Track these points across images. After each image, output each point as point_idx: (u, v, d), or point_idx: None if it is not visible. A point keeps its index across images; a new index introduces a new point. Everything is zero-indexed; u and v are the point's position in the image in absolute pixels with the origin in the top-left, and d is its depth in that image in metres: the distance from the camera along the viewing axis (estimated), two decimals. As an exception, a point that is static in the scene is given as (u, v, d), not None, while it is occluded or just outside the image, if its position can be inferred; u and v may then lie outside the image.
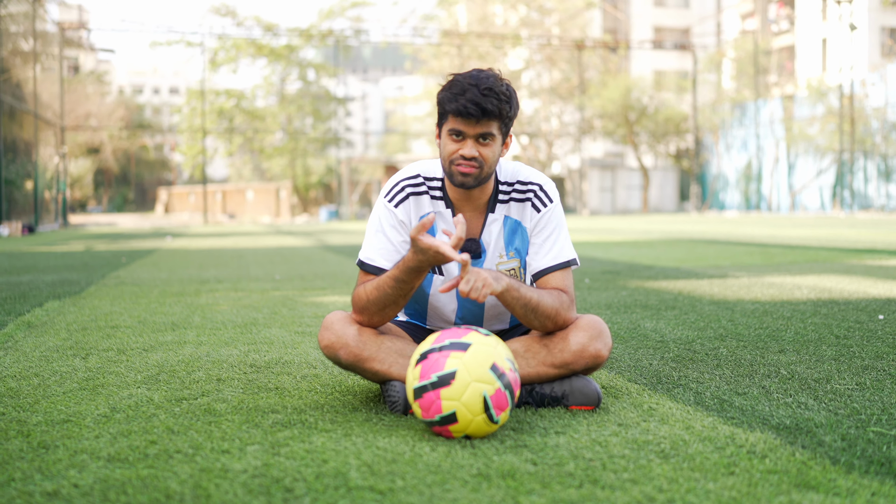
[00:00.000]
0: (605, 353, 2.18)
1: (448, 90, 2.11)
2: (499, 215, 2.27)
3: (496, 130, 2.12)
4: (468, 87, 2.08)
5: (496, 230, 2.27)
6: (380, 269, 2.22)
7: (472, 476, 1.65)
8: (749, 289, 5.26)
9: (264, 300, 5.01)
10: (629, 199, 41.27)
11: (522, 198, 2.27)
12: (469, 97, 2.07)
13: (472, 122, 2.09)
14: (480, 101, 2.06)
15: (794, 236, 12.97)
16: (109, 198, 53.45)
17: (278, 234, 18.23)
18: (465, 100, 2.07)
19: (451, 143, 2.14)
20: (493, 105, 2.07)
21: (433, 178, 2.28)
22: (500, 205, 2.27)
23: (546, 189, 2.28)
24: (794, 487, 1.57)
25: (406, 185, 2.27)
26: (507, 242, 2.28)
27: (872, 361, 2.81)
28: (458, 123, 2.10)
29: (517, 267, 2.30)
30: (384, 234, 2.24)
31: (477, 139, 2.12)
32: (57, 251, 11.50)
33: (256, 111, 38.13)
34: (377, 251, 2.23)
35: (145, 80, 76.10)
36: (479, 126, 2.10)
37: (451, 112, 2.10)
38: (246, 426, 2.04)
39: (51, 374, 2.72)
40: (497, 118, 2.10)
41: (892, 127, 28.38)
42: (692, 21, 46.04)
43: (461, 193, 2.24)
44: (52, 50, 28.06)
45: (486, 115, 2.08)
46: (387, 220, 2.24)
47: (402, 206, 2.25)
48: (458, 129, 2.11)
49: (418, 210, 2.26)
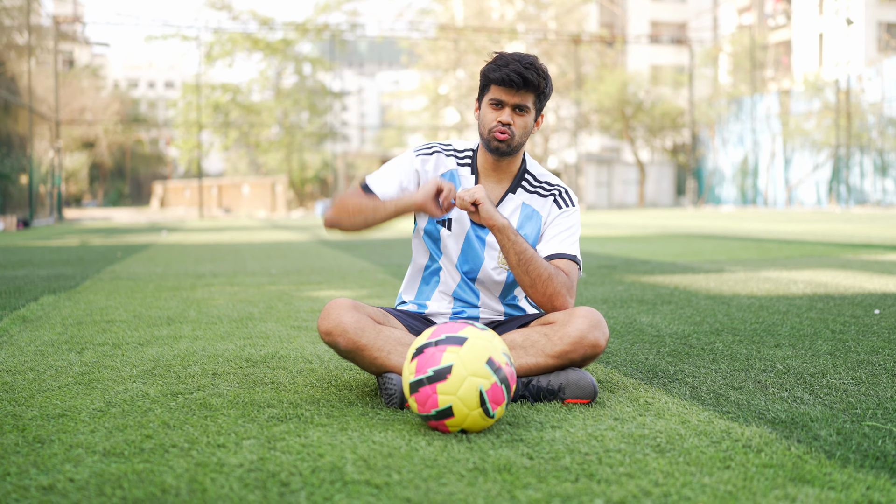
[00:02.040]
0: (602, 342, 2.20)
1: (494, 62, 2.29)
2: (518, 199, 2.41)
3: (531, 104, 2.30)
4: (512, 61, 2.26)
5: (510, 210, 2.39)
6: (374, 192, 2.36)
7: (469, 470, 1.65)
8: (745, 283, 5.27)
9: (260, 295, 5.00)
10: (625, 194, 41.31)
11: (547, 194, 2.43)
12: (513, 68, 2.25)
13: (512, 90, 2.26)
14: (523, 72, 2.24)
15: (790, 231, 12.99)
16: (105, 192, 53.31)
17: (274, 228, 18.21)
18: (508, 70, 2.25)
19: (490, 111, 2.31)
20: (534, 77, 2.25)
21: (463, 150, 2.46)
22: (522, 191, 2.42)
23: (571, 194, 2.46)
24: (789, 481, 1.57)
25: (437, 147, 2.46)
26: (520, 226, 2.40)
27: (868, 356, 2.82)
28: (499, 92, 2.28)
29: None
30: (395, 172, 2.40)
31: (514, 109, 2.29)
32: (52, 245, 11.48)
33: (252, 105, 38.03)
34: (383, 180, 2.38)
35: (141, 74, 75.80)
36: (517, 96, 2.27)
37: (495, 80, 2.26)
38: (242, 420, 2.04)
39: (46, 369, 2.72)
40: (534, 91, 2.28)
41: (888, 122, 28.42)
42: (689, 16, 46.01)
43: (489, 164, 2.39)
44: (47, 44, 27.93)
45: (525, 86, 2.25)
46: (405, 163, 2.42)
47: (422, 158, 2.42)
48: (499, 99, 2.28)
49: (437, 168, 2.42)
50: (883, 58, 31.01)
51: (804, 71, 34.65)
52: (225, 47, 36.57)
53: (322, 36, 37.03)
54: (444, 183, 2.23)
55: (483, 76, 2.31)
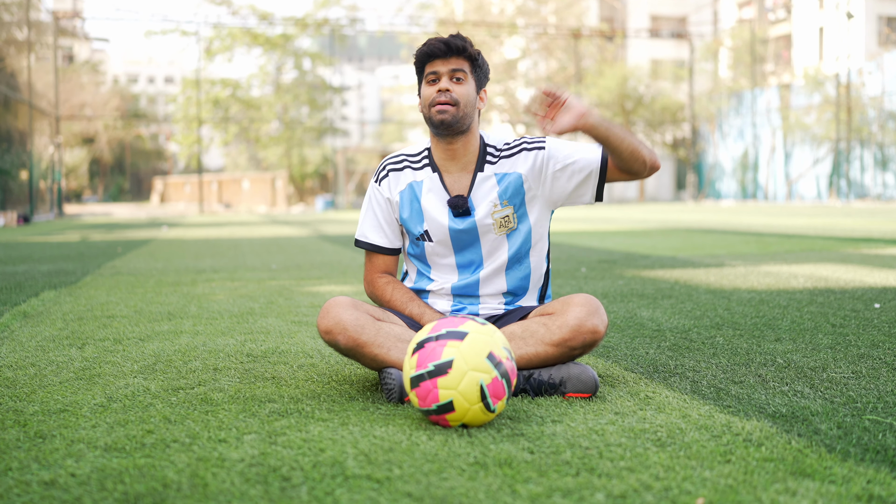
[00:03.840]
0: (601, 328, 2.20)
1: (422, 45, 2.32)
2: (489, 174, 2.39)
3: (467, 70, 2.29)
4: (438, 37, 2.30)
5: (487, 186, 2.38)
6: (372, 245, 2.45)
7: (469, 464, 1.66)
8: (745, 278, 5.27)
9: (261, 290, 5.00)
10: (625, 188, 41.27)
11: (513, 152, 2.40)
12: (436, 39, 2.29)
13: (441, 59, 2.27)
14: (447, 39, 2.28)
15: (790, 225, 12.98)
16: (105, 187, 53.27)
17: (274, 223, 18.20)
18: (433, 41, 2.28)
19: (428, 87, 2.30)
20: (458, 42, 2.26)
21: (416, 153, 2.44)
22: (489, 165, 2.39)
23: (533, 136, 2.44)
24: (789, 475, 1.57)
25: (387, 164, 2.46)
26: (501, 194, 2.38)
27: (868, 350, 2.82)
28: (430, 66, 2.28)
29: (511, 214, 2.39)
30: (373, 212, 2.45)
31: (451, 78, 2.28)
32: (52, 241, 11.47)
33: (252, 100, 37.98)
34: (369, 227, 2.46)
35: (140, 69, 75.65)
36: (449, 63, 2.27)
37: (423, 54, 2.28)
38: (243, 415, 2.04)
39: (47, 364, 2.72)
40: (465, 57, 2.28)
41: (888, 116, 28.38)
42: (689, 10, 45.90)
43: (445, 152, 2.37)
44: (47, 39, 27.88)
45: (452, 52, 2.27)
46: (374, 198, 2.46)
47: (384, 183, 2.44)
48: (433, 71, 2.28)
49: (397, 183, 2.43)
50: (883, 52, 30.92)
51: (804, 65, 34.59)
52: (224, 42, 36.50)
53: (322, 31, 36.96)
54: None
55: (416, 59, 2.32)
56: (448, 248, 2.40)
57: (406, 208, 2.41)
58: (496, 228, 2.38)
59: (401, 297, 2.41)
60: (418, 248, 2.44)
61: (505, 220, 2.38)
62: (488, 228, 2.38)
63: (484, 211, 2.37)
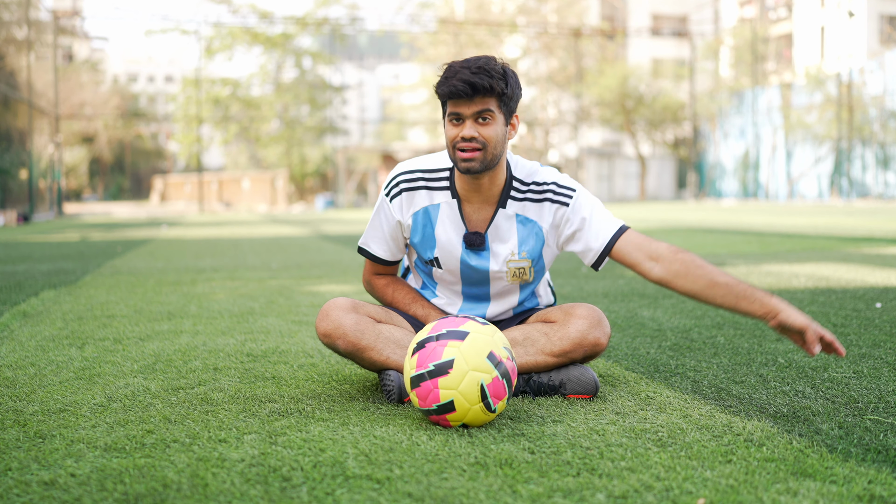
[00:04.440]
0: (604, 341, 2.19)
1: (442, 76, 2.10)
2: (511, 211, 2.23)
3: (494, 108, 2.08)
4: (459, 70, 2.07)
5: (507, 226, 2.24)
6: (373, 256, 2.37)
7: (470, 465, 1.65)
8: (746, 277, 5.26)
9: (261, 289, 5.00)
10: (627, 188, 41.26)
11: (539, 198, 2.23)
12: (460, 77, 2.05)
13: (465, 101, 2.07)
14: (470, 78, 2.04)
15: (791, 224, 12.98)
16: (105, 187, 53.28)
17: (274, 223, 18.20)
18: (455, 80, 2.05)
19: (451, 128, 2.11)
20: (485, 81, 2.04)
21: (437, 170, 2.26)
22: (513, 202, 2.23)
23: (563, 183, 2.23)
24: (791, 475, 1.57)
25: (401, 181, 2.27)
26: (521, 243, 2.24)
27: (870, 349, 2.82)
28: (454, 106, 2.09)
29: (527, 267, 2.27)
30: (379, 224, 2.34)
31: (475, 119, 2.08)
32: (52, 240, 11.47)
33: (252, 100, 37.98)
34: (372, 238, 2.37)
35: (140, 68, 75.61)
36: (473, 105, 2.07)
37: (445, 95, 2.08)
38: (243, 415, 2.04)
39: (47, 364, 2.72)
40: (492, 94, 2.06)
41: (890, 115, 28.35)
42: (690, 8, 45.87)
43: (469, 184, 2.20)
44: (46, 38, 27.89)
45: (477, 93, 2.05)
46: (383, 211, 2.33)
47: (395, 201, 2.28)
48: (456, 112, 2.09)
49: (411, 205, 2.27)
50: (885, 50, 30.91)
51: (806, 64, 34.56)
52: (224, 41, 36.50)
53: (322, 30, 36.95)
54: None
55: (436, 92, 2.11)
56: (456, 278, 2.32)
57: (418, 233, 2.27)
58: (509, 277, 2.27)
59: (403, 298, 2.37)
60: (426, 268, 2.36)
61: (520, 271, 2.26)
62: (500, 275, 2.27)
63: (500, 257, 2.25)
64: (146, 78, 75.47)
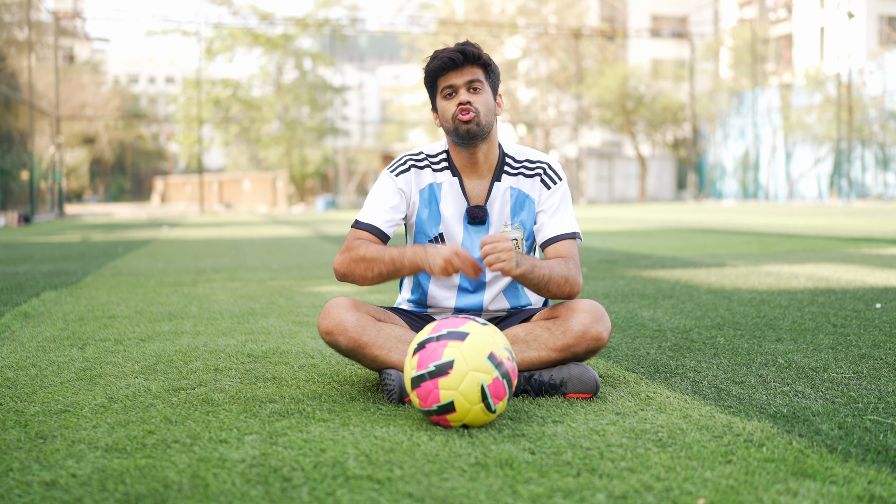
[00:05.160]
0: (605, 335, 2.20)
1: (430, 59, 2.27)
2: (506, 185, 2.37)
3: (483, 78, 2.26)
4: (446, 49, 2.25)
5: (502, 198, 2.37)
6: (372, 226, 2.30)
7: (470, 465, 1.66)
8: (746, 278, 5.26)
9: (261, 290, 5.00)
10: (626, 188, 41.26)
11: (531, 174, 2.38)
12: (448, 53, 2.23)
13: (457, 71, 2.24)
14: (459, 48, 2.23)
15: (791, 225, 12.98)
16: (105, 188, 53.29)
17: (275, 223, 18.21)
18: (444, 55, 2.23)
19: (446, 103, 2.26)
20: (473, 49, 2.23)
21: (437, 154, 2.39)
22: (507, 176, 2.37)
23: (554, 167, 2.40)
24: (791, 476, 1.57)
25: (408, 159, 2.40)
26: (514, 213, 2.37)
27: (869, 350, 2.82)
28: (446, 79, 2.25)
29: (520, 238, 2.37)
30: (381, 198, 2.35)
31: (468, 89, 2.24)
32: (53, 241, 11.48)
33: (253, 100, 37.99)
34: (369, 211, 2.34)
35: (141, 69, 75.64)
36: (465, 73, 2.24)
37: (437, 68, 2.24)
38: (243, 416, 2.04)
39: (48, 365, 2.72)
40: (479, 65, 2.24)
41: (889, 115, 28.36)
42: (690, 9, 45.88)
43: (466, 159, 2.33)
44: (47, 39, 27.91)
45: (468, 60, 2.23)
46: (387, 186, 2.36)
47: (402, 176, 2.37)
48: (450, 84, 2.24)
49: (418, 181, 2.37)
50: (884, 51, 30.91)
51: (805, 65, 34.57)
52: (225, 42, 36.52)
53: (322, 31, 36.97)
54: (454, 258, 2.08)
55: (426, 76, 2.27)
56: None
57: (425, 209, 2.37)
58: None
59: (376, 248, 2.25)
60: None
61: (514, 243, 2.33)
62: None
63: (495, 227, 2.37)
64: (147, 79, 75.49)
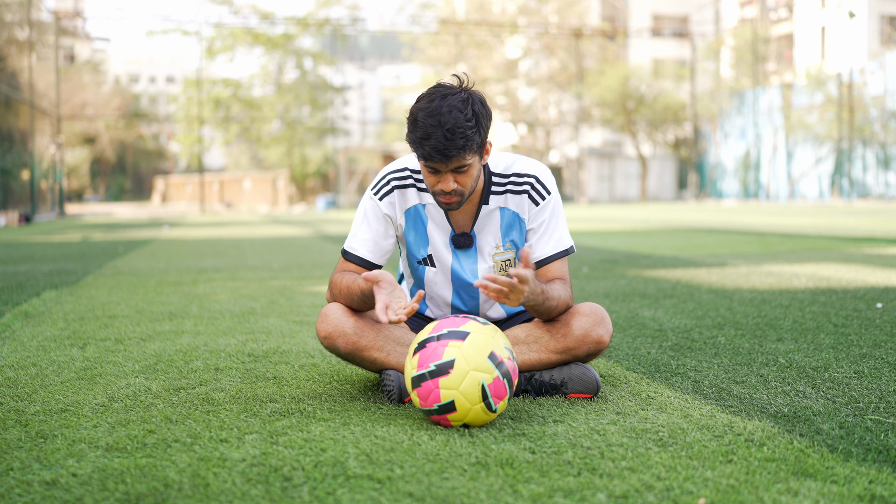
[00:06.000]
0: (606, 338, 2.20)
1: (413, 132, 2.06)
2: (494, 206, 2.28)
3: (470, 157, 2.08)
4: (432, 131, 2.02)
5: (491, 221, 2.28)
6: (360, 258, 2.28)
7: (471, 464, 1.66)
8: (747, 277, 5.26)
9: (262, 290, 5.00)
10: (627, 188, 41.25)
11: (519, 190, 2.27)
12: (433, 143, 2.02)
13: (442, 163, 2.06)
14: (445, 146, 2.02)
15: (792, 225, 12.97)
16: (106, 187, 53.31)
17: (275, 223, 18.21)
18: (430, 147, 2.03)
19: (429, 175, 2.12)
20: (461, 144, 2.03)
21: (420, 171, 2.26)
22: (494, 196, 2.28)
23: (543, 180, 2.28)
24: (791, 475, 1.57)
25: (392, 178, 2.29)
26: (504, 234, 2.29)
27: (870, 350, 2.82)
28: (430, 163, 2.08)
29: (512, 258, 2.32)
30: (368, 225, 2.29)
31: (454, 172, 2.10)
32: (54, 241, 11.48)
33: (253, 100, 38.01)
34: (359, 241, 2.29)
35: (141, 69, 75.62)
36: (451, 163, 2.07)
37: (421, 156, 2.08)
38: (244, 415, 2.04)
39: (48, 364, 2.72)
40: (467, 150, 2.06)
41: (890, 115, 28.33)
42: (690, 9, 45.85)
43: None
44: (48, 39, 27.92)
45: (454, 156, 2.04)
46: (371, 211, 2.29)
47: (386, 199, 2.28)
48: (433, 167, 2.09)
49: (403, 203, 2.29)
50: (885, 51, 30.88)
51: (806, 64, 34.55)
52: (226, 42, 36.53)
53: (323, 30, 36.98)
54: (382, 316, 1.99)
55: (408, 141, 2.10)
56: (447, 279, 2.33)
57: (411, 230, 2.29)
58: (496, 272, 2.29)
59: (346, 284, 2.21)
60: (419, 269, 2.36)
61: (506, 263, 2.30)
62: (489, 272, 2.28)
63: (486, 252, 2.29)
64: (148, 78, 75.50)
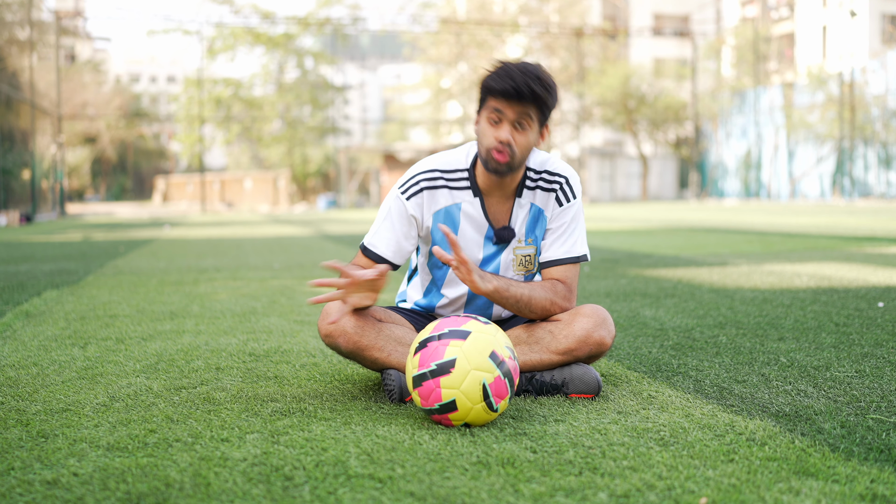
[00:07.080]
0: (608, 340, 2.19)
1: (495, 73, 2.13)
2: (525, 201, 2.30)
3: (534, 115, 2.14)
4: (515, 72, 2.11)
5: (522, 215, 2.30)
6: (379, 257, 2.26)
7: (472, 464, 1.65)
8: (748, 277, 5.26)
9: (263, 289, 5.00)
10: (628, 187, 41.24)
11: (549, 188, 2.30)
12: (515, 78, 2.09)
13: (513, 103, 2.10)
14: (525, 81, 2.09)
15: (793, 224, 12.96)
16: (107, 187, 53.34)
17: (276, 223, 18.21)
18: (511, 81, 2.09)
19: (489, 126, 2.15)
20: (538, 89, 2.10)
21: (454, 171, 2.28)
22: (527, 191, 2.30)
23: (572, 183, 2.31)
24: (793, 474, 1.57)
25: (421, 179, 2.27)
26: (529, 229, 2.31)
27: (872, 349, 2.82)
28: (499, 103, 2.12)
29: (533, 254, 2.32)
30: (391, 224, 2.26)
31: (514, 124, 2.13)
32: (55, 240, 11.49)
33: (254, 100, 38.02)
34: (381, 239, 2.27)
35: (142, 68, 75.65)
36: (519, 108, 2.11)
37: (497, 92, 2.11)
38: (245, 415, 2.04)
39: (49, 364, 2.72)
40: (536, 104, 2.12)
41: (892, 114, 28.31)
42: (692, 8, 45.82)
43: (492, 181, 2.24)
44: (49, 38, 27.93)
45: (526, 99, 2.10)
46: (396, 210, 2.27)
47: (414, 200, 2.26)
48: (499, 110, 2.12)
49: (432, 204, 2.27)
50: (887, 50, 30.85)
51: (808, 63, 34.51)
52: (227, 42, 36.54)
53: (324, 30, 36.98)
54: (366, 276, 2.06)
55: (483, 87, 2.14)
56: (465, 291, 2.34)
57: (439, 232, 2.27)
58: (515, 266, 2.30)
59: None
60: (441, 270, 2.36)
61: (526, 259, 2.30)
62: (508, 265, 2.31)
63: (512, 243, 2.31)
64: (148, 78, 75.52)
